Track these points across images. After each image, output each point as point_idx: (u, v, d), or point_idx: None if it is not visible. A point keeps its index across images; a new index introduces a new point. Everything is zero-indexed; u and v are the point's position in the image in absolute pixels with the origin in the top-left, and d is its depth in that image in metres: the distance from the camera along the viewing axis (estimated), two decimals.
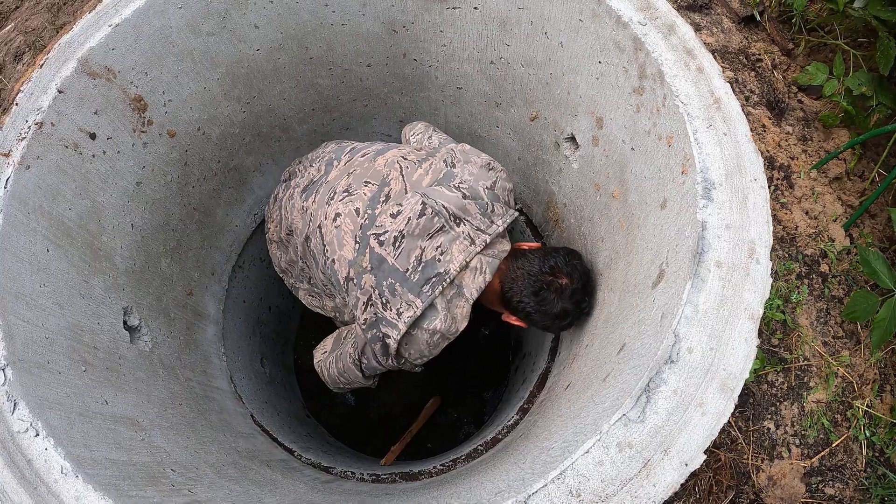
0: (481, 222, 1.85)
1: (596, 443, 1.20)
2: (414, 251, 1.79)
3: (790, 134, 2.95)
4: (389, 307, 1.79)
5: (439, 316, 1.79)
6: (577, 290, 1.91)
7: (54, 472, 1.33)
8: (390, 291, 1.79)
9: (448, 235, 1.80)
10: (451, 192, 1.87)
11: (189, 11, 1.95)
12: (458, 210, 1.83)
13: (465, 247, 1.80)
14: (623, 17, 1.67)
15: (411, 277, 1.77)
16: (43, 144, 1.70)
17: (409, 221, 1.81)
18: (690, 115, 1.51)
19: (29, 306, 1.56)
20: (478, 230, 1.83)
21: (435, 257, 1.78)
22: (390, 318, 1.80)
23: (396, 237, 1.80)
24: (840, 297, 2.63)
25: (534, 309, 1.89)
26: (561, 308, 1.89)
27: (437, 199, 1.83)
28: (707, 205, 1.39)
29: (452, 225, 1.82)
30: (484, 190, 1.91)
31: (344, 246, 1.88)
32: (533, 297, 1.87)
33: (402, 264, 1.79)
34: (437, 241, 1.79)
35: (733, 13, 3.26)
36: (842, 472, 2.35)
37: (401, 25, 2.21)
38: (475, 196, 1.88)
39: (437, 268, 1.77)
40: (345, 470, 2.32)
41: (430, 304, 1.77)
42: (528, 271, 1.88)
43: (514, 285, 1.89)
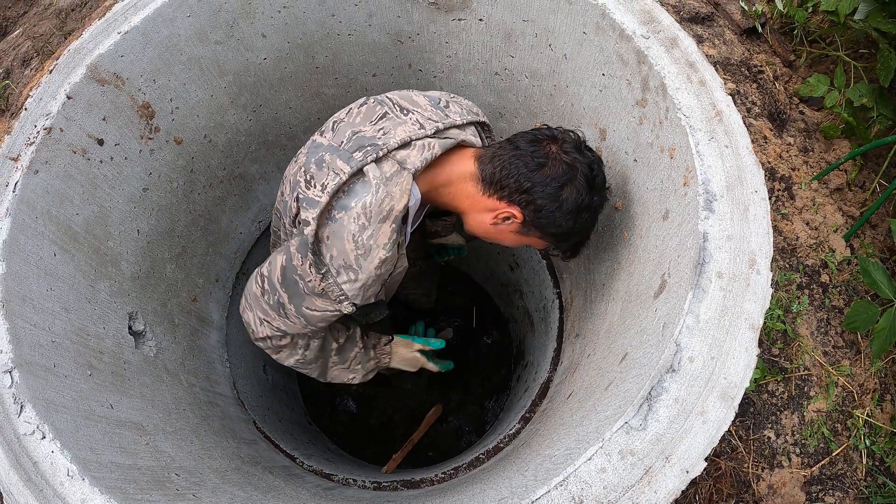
0: (433, 114, 1.60)
1: (598, 450, 1.21)
2: (351, 128, 1.56)
3: (791, 145, 2.97)
4: (314, 183, 1.49)
5: (371, 188, 1.44)
6: (580, 139, 1.61)
7: (60, 474, 1.34)
8: (318, 165, 1.50)
9: (393, 122, 1.55)
10: (400, 91, 1.68)
11: (197, 20, 1.97)
12: (403, 100, 1.62)
13: (412, 130, 1.54)
14: (626, 30, 1.69)
15: (343, 147, 1.51)
16: (51, 149, 1.72)
17: (349, 111, 1.63)
18: (692, 127, 1.52)
19: (36, 310, 1.57)
20: (428, 119, 1.58)
21: (375, 136, 1.51)
22: (312, 197, 1.47)
23: (335, 122, 1.62)
24: (840, 307, 2.64)
25: (526, 172, 1.54)
26: (567, 164, 1.54)
27: (383, 95, 1.65)
28: (708, 216, 1.41)
29: (398, 113, 1.58)
30: (441, 95, 1.71)
31: (295, 163, 1.66)
32: (528, 146, 1.57)
33: (337, 140, 1.55)
34: (381, 125, 1.54)
35: (735, 25, 3.29)
36: (842, 481, 2.35)
37: (406, 36, 2.23)
38: (427, 94, 1.68)
39: (374, 140, 1.50)
40: (346, 477, 2.32)
41: (359, 170, 1.45)
42: (512, 138, 1.62)
43: (500, 149, 1.59)
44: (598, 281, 2.09)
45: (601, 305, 2.00)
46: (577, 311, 2.33)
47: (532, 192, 1.54)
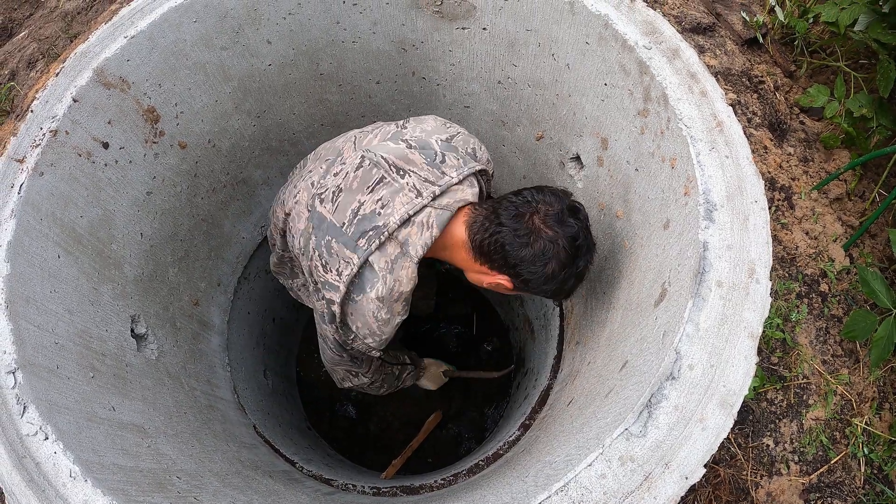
0: (429, 173, 1.64)
1: (598, 456, 1.22)
2: (351, 204, 1.63)
3: (791, 155, 2.98)
4: (329, 268, 1.64)
5: (379, 278, 1.59)
6: (563, 210, 1.61)
7: (63, 475, 1.35)
8: (328, 250, 1.64)
9: (390, 188, 1.61)
10: (396, 144, 1.71)
11: (203, 25, 1.98)
12: (399, 160, 1.66)
13: (409, 199, 1.59)
14: (629, 40, 1.70)
15: (347, 231, 1.61)
16: (57, 152, 1.73)
17: (346, 175, 1.68)
18: (693, 137, 1.54)
19: (39, 311, 1.58)
20: (425, 181, 1.63)
21: (375, 210, 1.59)
22: (331, 281, 1.64)
23: (334, 192, 1.67)
24: (839, 316, 2.65)
25: (509, 240, 1.59)
26: (546, 240, 1.57)
27: (376, 151, 1.69)
28: (709, 226, 1.42)
29: (395, 177, 1.63)
30: (437, 142, 1.73)
31: (301, 218, 1.77)
32: (511, 223, 1.59)
33: (339, 219, 1.63)
34: (378, 195, 1.61)
35: (736, 35, 3.30)
36: (840, 488, 2.36)
37: (410, 44, 2.25)
38: (423, 146, 1.70)
39: (374, 220, 1.59)
40: (346, 482, 2.33)
41: (366, 260, 1.58)
42: (499, 204, 1.64)
43: (487, 221, 1.62)
44: (599, 289, 2.10)
45: (602, 313, 2.00)
46: (577, 318, 2.34)
47: (518, 269, 1.62)
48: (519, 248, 1.58)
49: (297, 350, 3.76)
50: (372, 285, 1.60)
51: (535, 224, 1.58)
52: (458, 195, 1.66)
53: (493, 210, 1.63)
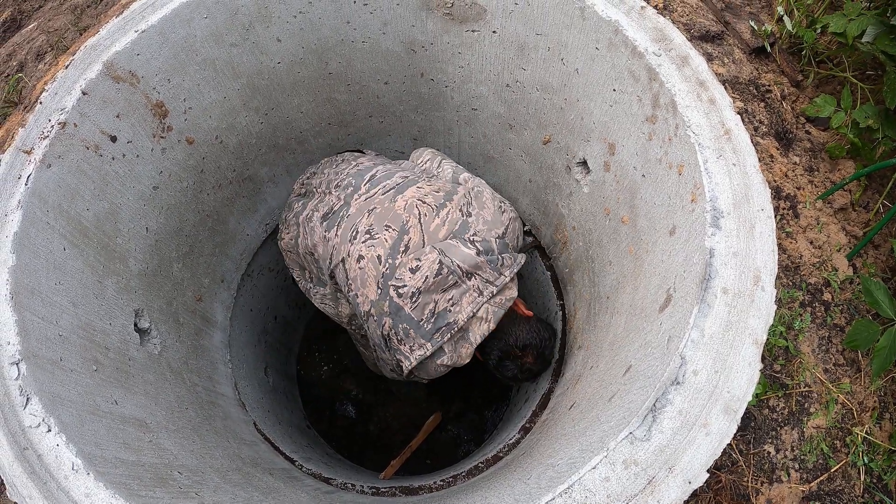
0: (490, 275, 2.01)
1: (603, 459, 1.22)
2: (428, 305, 1.97)
3: (797, 164, 2.98)
4: (404, 344, 2.01)
5: (446, 355, 2.02)
6: (535, 371, 2.20)
7: (65, 468, 1.35)
8: (405, 334, 2.00)
9: (460, 289, 1.98)
10: (467, 248, 2.00)
11: (214, 22, 1.98)
12: (470, 268, 1.98)
13: (473, 298, 1.99)
14: (639, 47, 1.70)
15: (424, 326, 1.98)
16: (65, 144, 1.73)
17: (426, 280, 1.96)
18: (701, 145, 1.54)
19: (44, 303, 1.58)
20: (486, 282, 2.00)
21: (447, 308, 1.98)
22: (404, 352, 2.02)
23: (414, 293, 1.97)
24: (842, 325, 2.65)
25: (493, 364, 2.16)
26: (513, 374, 2.17)
27: (453, 257, 1.98)
28: (715, 233, 1.42)
29: (464, 280, 1.98)
30: (496, 241, 2.07)
31: (367, 286, 2.05)
32: (497, 358, 2.14)
33: (417, 315, 1.98)
34: (450, 294, 1.98)
35: (745, 44, 3.30)
36: (840, 497, 2.36)
37: (420, 46, 2.25)
38: (488, 250, 2.03)
39: (447, 318, 1.98)
40: (345, 482, 2.33)
41: (438, 346, 1.98)
42: (509, 336, 2.12)
43: (494, 341, 2.11)
44: (603, 294, 2.10)
45: (605, 318, 2.01)
46: (580, 323, 2.34)
47: (488, 365, 2.21)
48: (496, 370, 2.20)
49: (297, 348, 3.76)
50: (440, 357, 2.02)
51: (514, 367, 2.17)
52: (508, 293, 2.06)
53: (503, 336, 2.13)
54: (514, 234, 2.17)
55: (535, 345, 2.15)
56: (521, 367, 2.16)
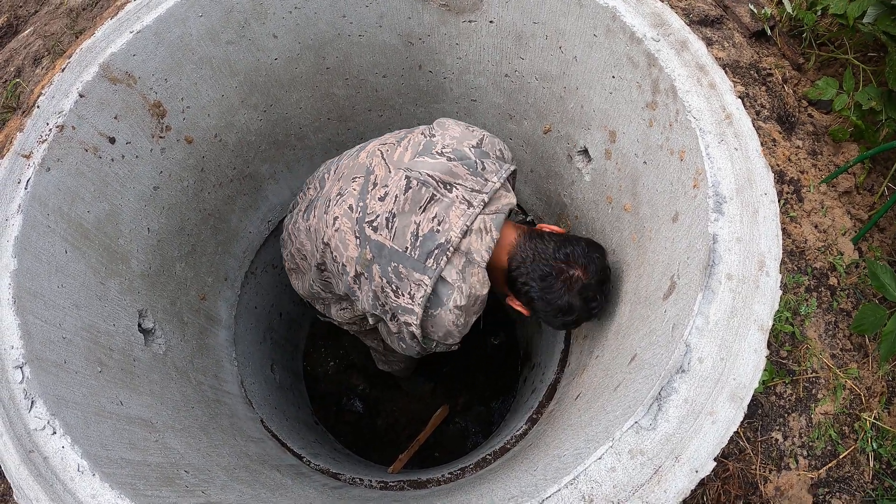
0: (474, 182, 1.73)
1: (608, 449, 1.21)
2: (409, 227, 1.69)
3: (800, 148, 2.96)
4: (401, 293, 1.71)
5: (455, 289, 1.68)
6: (590, 285, 1.77)
7: (70, 469, 1.35)
8: (396, 276, 1.70)
9: (442, 203, 1.69)
10: (435, 158, 1.76)
11: (209, 20, 1.98)
12: (445, 175, 1.72)
13: (462, 211, 1.68)
14: (637, 33, 1.69)
15: (412, 255, 1.68)
16: (63, 147, 1.73)
17: (396, 199, 1.72)
18: (702, 130, 1.53)
19: (47, 306, 1.58)
20: (472, 191, 1.71)
21: (433, 229, 1.67)
22: (405, 305, 1.71)
23: (388, 218, 1.71)
24: (848, 310, 2.63)
25: (537, 295, 1.77)
26: (567, 302, 1.76)
27: (420, 169, 1.74)
28: (718, 218, 1.41)
29: (444, 192, 1.70)
30: (470, 149, 1.80)
31: (348, 245, 1.79)
32: (539, 282, 1.75)
33: (400, 244, 1.69)
34: (432, 212, 1.68)
35: (744, 28, 3.28)
36: (849, 483, 2.35)
37: (417, 38, 2.24)
38: (461, 157, 1.77)
39: (436, 239, 1.66)
40: (353, 477, 2.33)
41: (439, 277, 1.67)
42: (541, 253, 1.76)
43: (523, 265, 1.77)
44: None
45: (609, 307, 2.00)
46: None
47: (536, 312, 1.85)
48: (543, 303, 1.78)
49: (303, 345, 3.76)
50: (448, 297, 1.69)
51: (563, 287, 1.75)
52: (503, 200, 1.76)
53: (533, 254, 1.77)
54: (492, 146, 1.87)
55: (579, 253, 1.77)
56: (571, 284, 1.74)
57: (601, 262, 1.81)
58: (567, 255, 1.76)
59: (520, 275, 1.77)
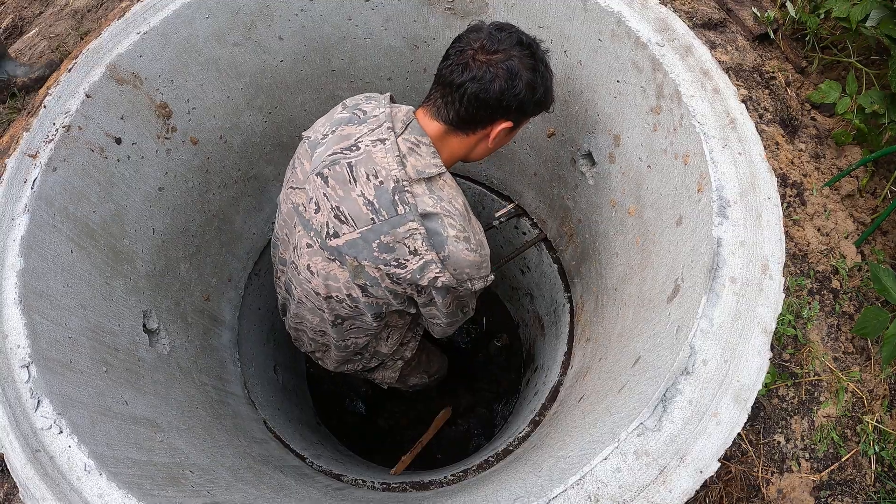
0: (368, 126, 1.63)
1: (614, 450, 1.22)
2: (358, 203, 1.59)
3: (803, 151, 2.97)
4: (403, 259, 1.61)
5: (440, 218, 1.58)
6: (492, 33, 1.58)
7: (77, 469, 1.35)
8: (387, 249, 1.60)
9: (361, 162, 1.59)
10: (323, 145, 1.68)
11: (216, 22, 1.99)
12: (342, 143, 1.63)
13: (382, 150, 1.57)
14: (642, 38, 1.70)
15: (382, 218, 1.57)
16: (70, 147, 1.74)
17: (326, 196, 1.63)
18: (707, 134, 1.53)
19: (53, 306, 1.59)
20: (374, 130, 1.61)
21: (376, 185, 1.56)
22: (417, 264, 1.60)
23: (336, 216, 1.62)
24: (851, 313, 2.64)
25: (480, 87, 1.54)
26: (502, 56, 1.54)
27: (318, 160, 1.65)
28: (722, 222, 1.42)
29: (355, 154, 1.60)
30: (342, 114, 1.73)
31: (336, 276, 1.72)
32: (470, 78, 1.54)
33: (364, 221, 1.58)
34: (362, 175, 1.58)
35: (747, 31, 3.29)
36: (851, 486, 2.35)
37: (422, 41, 2.24)
38: (339, 122, 1.69)
39: (386, 189, 1.56)
40: (356, 478, 2.33)
41: (416, 211, 1.55)
42: (441, 77, 1.61)
43: (445, 98, 1.60)
44: (610, 285, 2.09)
45: (613, 309, 2.00)
46: (588, 315, 2.33)
47: (504, 103, 1.58)
48: (489, 87, 1.54)
49: None
50: (442, 227, 1.58)
51: (483, 60, 1.54)
52: (401, 113, 1.65)
53: (440, 85, 1.61)
54: (355, 99, 1.80)
55: (464, 38, 1.60)
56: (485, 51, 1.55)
57: (475, 26, 1.64)
58: (455, 53, 1.58)
59: (451, 104, 1.60)
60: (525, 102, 1.59)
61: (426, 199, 1.57)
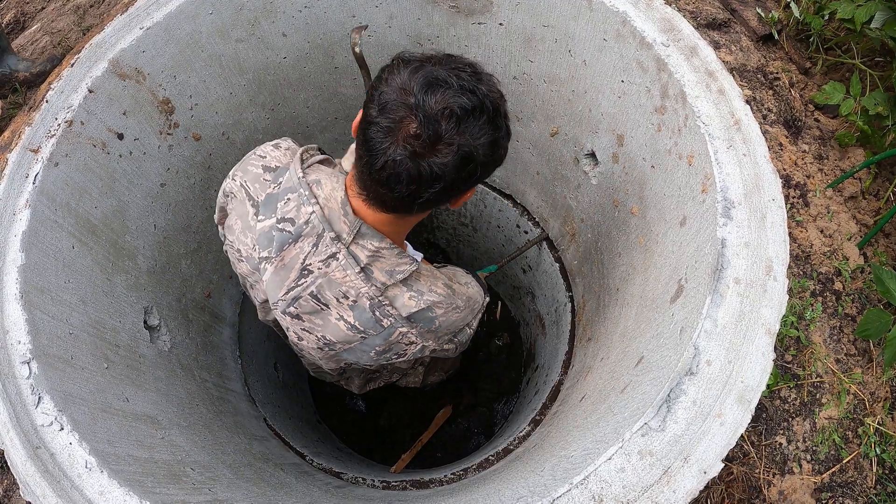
0: (306, 243, 1.34)
1: (618, 450, 1.22)
2: (340, 328, 1.45)
3: (806, 152, 2.97)
4: (406, 350, 1.52)
5: (422, 307, 1.43)
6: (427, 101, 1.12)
7: (78, 466, 1.35)
8: (384, 351, 1.52)
9: (322, 285, 1.39)
10: (259, 263, 1.44)
11: (220, 17, 1.98)
12: (288, 273, 1.40)
13: (337, 268, 1.35)
14: (647, 38, 1.69)
15: (369, 335, 1.45)
16: (72, 142, 1.73)
17: (308, 330, 1.50)
18: (711, 135, 1.53)
19: (54, 301, 1.59)
20: (316, 248, 1.34)
21: (349, 306, 1.41)
22: (416, 350, 1.52)
23: (325, 343, 1.51)
24: (853, 315, 2.63)
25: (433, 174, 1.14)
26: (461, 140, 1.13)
27: (276, 297, 1.45)
28: (727, 223, 1.41)
29: (309, 280, 1.39)
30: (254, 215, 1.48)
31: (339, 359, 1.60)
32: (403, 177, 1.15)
33: (354, 340, 1.48)
34: (329, 298, 1.41)
35: (752, 31, 3.29)
36: (852, 488, 2.35)
37: (426, 39, 2.24)
38: (268, 242, 1.40)
39: (362, 309, 1.40)
40: (356, 476, 2.33)
41: (402, 318, 1.43)
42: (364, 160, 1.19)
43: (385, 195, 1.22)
44: (612, 285, 2.09)
45: (615, 309, 2.00)
46: (589, 314, 2.33)
47: (463, 188, 1.27)
48: (438, 188, 1.18)
49: None
50: (430, 314, 1.45)
51: (421, 152, 1.13)
52: (336, 211, 1.33)
53: (371, 179, 1.20)
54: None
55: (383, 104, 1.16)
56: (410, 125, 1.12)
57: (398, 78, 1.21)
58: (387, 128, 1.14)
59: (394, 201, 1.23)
60: (486, 172, 1.28)
61: (406, 300, 1.41)
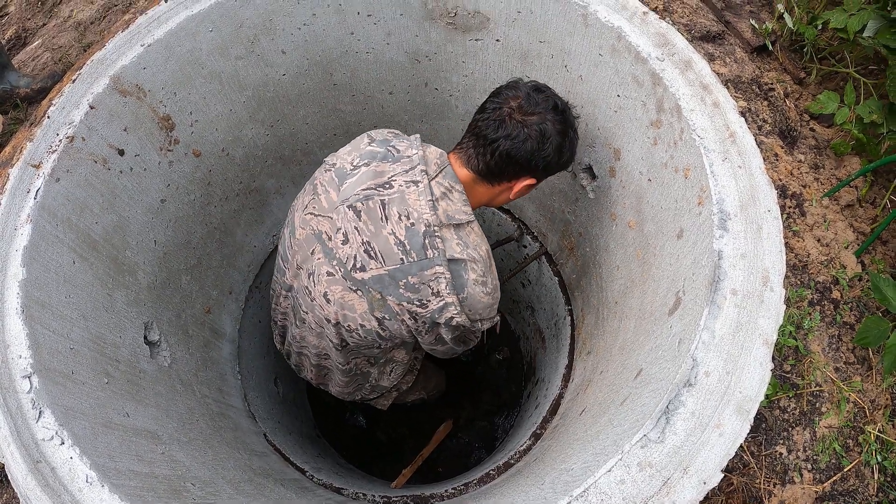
0: (402, 165, 1.67)
1: (618, 462, 1.22)
2: (389, 241, 1.62)
3: (802, 162, 2.98)
4: (426, 300, 1.64)
5: (465, 264, 1.63)
6: (531, 95, 1.68)
7: (79, 480, 1.35)
8: (412, 289, 1.62)
9: (395, 201, 1.62)
10: (354, 176, 1.70)
11: (220, 35, 2.00)
12: (376, 179, 1.66)
13: (415, 192, 1.62)
14: (642, 52, 1.71)
15: (411, 259, 1.60)
16: (73, 158, 1.74)
17: (358, 230, 1.65)
18: (707, 148, 1.54)
19: (55, 316, 1.59)
20: (408, 171, 1.65)
21: (407, 226, 1.60)
22: (438, 305, 1.64)
23: (366, 251, 1.64)
24: (852, 323, 2.64)
25: (513, 145, 1.64)
26: (538, 118, 1.65)
27: (350, 193, 1.67)
28: (723, 235, 1.42)
29: (388, 192, 1.63)
30: (370, 147, 1.76)
31: (353, 305, 1.72)
32: (504, 135, 1.63)
33: (393, 260, 1.61)
34: (394, 214, 1.61)
35: (746, 43, 3.31)
36: (853, 497, 2.35)
37: (424, 55, 2.26)
38: (372, 156, 1.71)
39: (416, 232, 1.59)
40: (356, 491, 2.32)
41: (445, 256, 1.59)
42: (476, 129, 1.69)
43: (478, 150, 1.68)
44: (611, 298, 2.10)
45: (614, 322, 2.00)
46: (588, 328, 2.33)
47: (532, 163, 1.68)
48: (521, 147, 1.64)
49: None
50: (465, 271, 1.64)
51: (518, 119, 1.64)
52: (433, 156, 1.71)
53: (474, 136, 1.69)
54: (383, 135, 1.84)
55: (502, 93, 1.71)
56: (521, 109, 1.66)
57: (513, 83, 1.75)
58: (492, 107, 1.68)
59: (481, 156, 1.68)
60: (551, 164, 1.71)
61: (454, 244, 1.63)
